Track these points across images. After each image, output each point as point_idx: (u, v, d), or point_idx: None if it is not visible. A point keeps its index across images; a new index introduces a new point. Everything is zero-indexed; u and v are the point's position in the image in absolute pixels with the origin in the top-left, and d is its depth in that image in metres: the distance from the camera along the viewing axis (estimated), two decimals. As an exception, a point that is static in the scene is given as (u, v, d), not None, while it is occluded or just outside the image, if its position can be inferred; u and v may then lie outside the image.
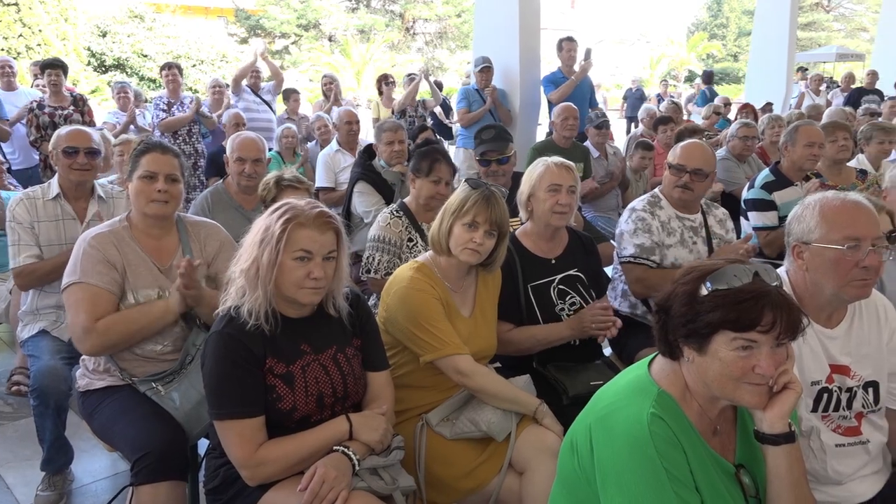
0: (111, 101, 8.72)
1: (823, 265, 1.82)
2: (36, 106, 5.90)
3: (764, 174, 4.07)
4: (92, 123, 6.15)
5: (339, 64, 27.27)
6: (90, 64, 22.81)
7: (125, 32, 23.40)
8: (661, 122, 6.79)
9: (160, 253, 2.43)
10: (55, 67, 6.01)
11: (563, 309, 2.66)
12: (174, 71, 6.69)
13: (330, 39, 31.40)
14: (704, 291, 1.41)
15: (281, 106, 8.09)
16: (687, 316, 1.42)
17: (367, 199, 4.02)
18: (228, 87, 7.33)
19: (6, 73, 6.47)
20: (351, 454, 1.85)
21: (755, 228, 3.90)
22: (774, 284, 1.41)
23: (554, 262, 2.71)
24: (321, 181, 5.21)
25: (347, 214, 4.12)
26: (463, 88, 7.28)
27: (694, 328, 1.41)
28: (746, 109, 7.48)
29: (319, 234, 1.85)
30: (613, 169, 5.45)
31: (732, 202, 4.65)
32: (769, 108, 9.05)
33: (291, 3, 30.03)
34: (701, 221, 3.09)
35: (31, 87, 7.57)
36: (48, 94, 6.04)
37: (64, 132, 3.08)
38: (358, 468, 1.86)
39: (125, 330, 2.25)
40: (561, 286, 2.69)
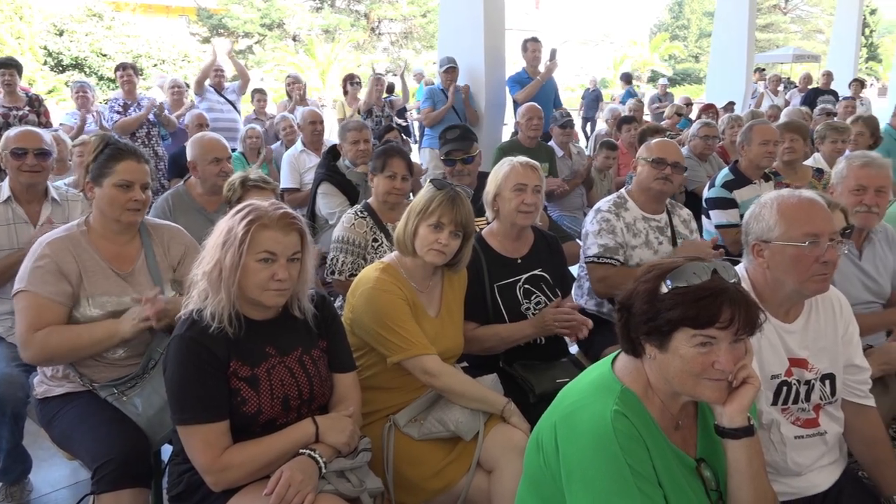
0: (70, 101, 8.51)
1: (784, 262, 1.87)
2: (-12, 106, 5.74)
3: (724, 173, 4.15)
4: (48, 124, 6.00)
5: (303, 64, 27.08)
6: (46, 63, 22.28)
7: (83, 31, 22.90)
8: (624, 121, 6.88)
9: (120, 258, 2.38)
10: (9, 67, 5.84)
11: (528, 308, 2.68)
12: (129, 72, 6.55)
13: (294, 39, 31.16)
14: (665, 289, 1.44)
15: (246, 106, 8.00)
16: (648, 314, 1.44)
17: (331, 200, 4.00)
18: (189, 87, 7.22)
19: (-43, 73, 6.26)
20: (317, 457, 1.84)
21: (718, 226, 3.98)
22: (732, 281, 1.44)
23: (520, 261, 2.73)
24: (286, 182, 5.17)
25: (312, 215, 4.09)
26: (428, 88, 7.29)
27: (655, 326, 1.43)
28: (710, 110, 7.61)
29: (283, 235, 1.83)
30: (578, 168, 5.51)
31: (695, 201, 4.73)
32: (731, 107, 9.24)
33: (255, 2, 29.72)
34: (666, 221, 3.14)
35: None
36: (2, 94, 5.87)
37: (13, 133, 3.00)
38: (324, 471, 1.85)
39: (64, 345, 2.19)
40: (526, 285, 2.70)
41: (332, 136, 5.92)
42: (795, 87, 12.65)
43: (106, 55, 22.56)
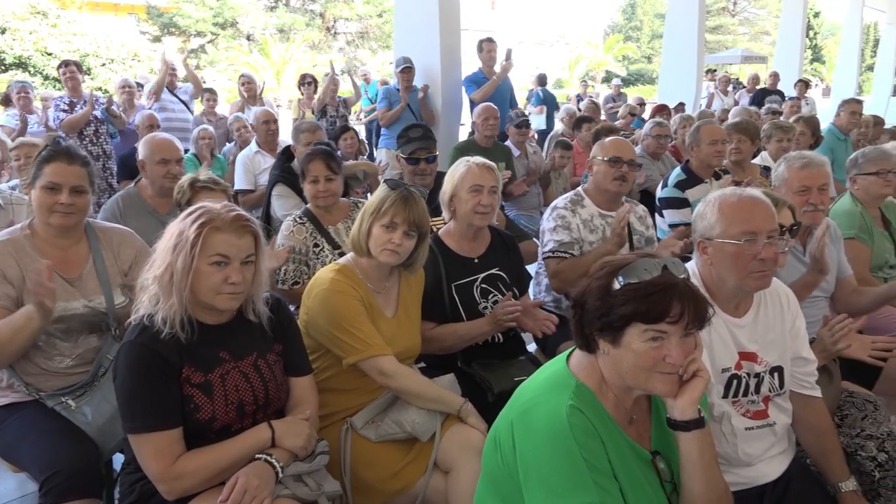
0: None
1: (724, 259, 1.92)
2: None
3: (676, 173, 4.24)
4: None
5: (258, 63, 26.73)
6: (-12, 63, 21.54)
7: (27, 29, 22.16)
8: (581, 121, 6.96)
9: (66, 263, 2.32)
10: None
11: (486, 307, 2.69)
12: (72, 68, 6.37)
13: (248, 38, 30.72)
14: (617, 286, 1.46)
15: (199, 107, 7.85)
16: (601, 310, 1.47)
17: (286, 201, 3.95)
18: (141, 87, 7.05)
19: None
20: (274, 461, 1.82)
21: (671, 225, 4.06)
22: (682, 277, 1.47)
23: (477, 261, 2.74)
24: (240, 183, 5.09)
25: (267, 217, 4.04)
26: (384, 88, 7.27)
27: (608, 321, 1.46)
28: (663, 111, 7.76)
29: (236, 237, 1.80)
30: (534, 167, 5.55)
31: (649, 199, 4.82)
32: (681, 108, 9.43)
33: (207, 0, 29.17)
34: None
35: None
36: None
37: None
38: (281, 475, 1.82)
39: None
40: (484, 285, 2.72)
41: (287, 136, 5.85)
42: (744, 87, 12.99)
43: (51, 54, 21.87)
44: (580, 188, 3.22)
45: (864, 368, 2.42)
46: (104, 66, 22.33)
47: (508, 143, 5.72)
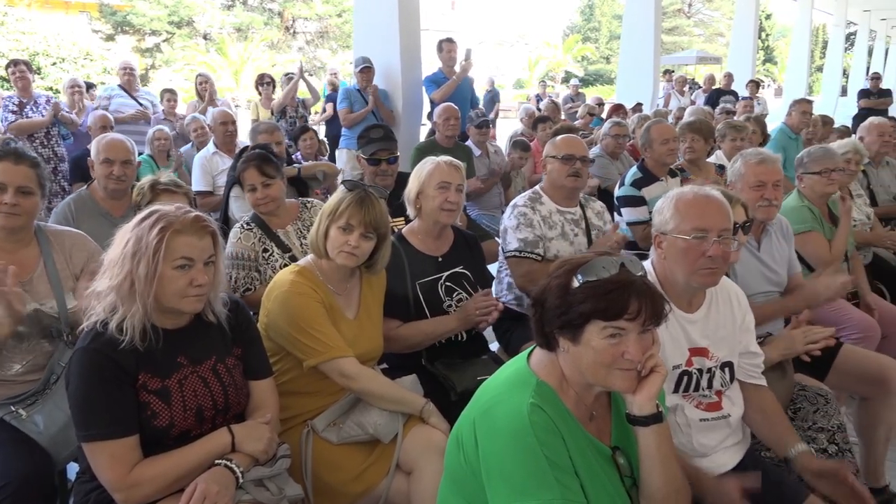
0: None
1: (676, 254, 1.97)
2: None
3: (632, 172, 4.31)
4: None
5: (215, 63, 26.35)
6: (-69, 61, 20.77)
7: (-28, 27, 21.49)
8: (540, 120, 7.02)
9: (16, 266, 2.24)
10: None
11: (450, 305, 2.70)
12: (21, 67, 6.18)
13: (205, 37, 30.22)
14: (576, 284, 1.47)
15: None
16: (561, 308, 1.48)
17: (244, 203, 3.87)
18: (93, 87, 6.88)
19: None
20: (234, 467, 1.79)
21: (629, 223, 4.12)
22: (639, 274, 1.49)
23: (441, 259, 2.75)
24: (198, 185, 4.99)
25: (225, 219, 3.97)
26: (344, 89, 7.21)
27: (567, 319, 1.47)
28: (620, 111, 7.88)
29: (198, 239, 1.78)
30: (495, 167, 5.58)
31: (608, 198, 4.88)
32: (639, 108, 9.58)
33: (162, -2, 28.66)
34: (581, 214, 3.23)
35: None
36: None
37: None
38: (242, 480, 1.80)
39: None
40: (448, 283, 2.72)
41: (246, 137, 5.77)
42: (700, 87, 13.27)
43: (-1, 53, 21.26)
44: (537, 187, 3.26)
45: (815, 361, 2.49)
46: (55, 65, 21.75)
47: (469, 142, 5.74)
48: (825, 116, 7.15)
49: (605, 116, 8.70)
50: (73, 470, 2.06)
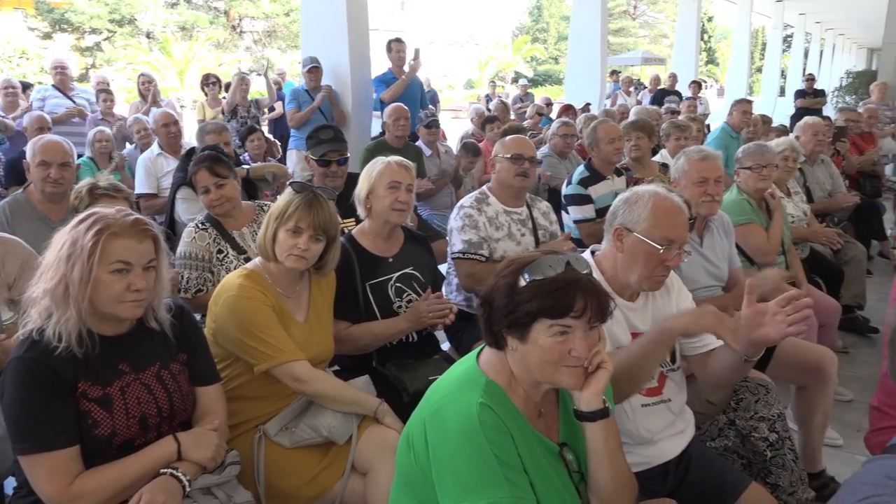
0: None
1: (637, 254, 2.01)
2: None
3: (579, 171, 4.38)
4: None
5: (159, 63, 25.71)
6: None
7: None
8: (488, 121, 7.07)
9: None
10: None
11: (400, 306, 2.70)
12: None
13: (148, 36, 29.46)
14: (523, 282, 1.49)
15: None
16: (508, 307, 1.49)
17: (191, 205, 3.81)
18: (30, 87, 6.63)
19: None
20: (180, 475, 1.75)
21: (575, 221, 4.18)
22: (584, 272, 1.51)
23: (391, 260, 2.74)
24: (141, 187, 4.86)
25: (171, 223, 3.89)
26: (292, 89, 7.14)
27: (515, 318, 1.48)
28: (570, 111, 7.98)
29: (137, 242, 1.73)
30: (446, 167, 5.60)
31: (555, 196, 4.95)
32: (587, 108, 9.73)
33: (102, -4, 27.82)
34: (527, 214, 3.27)
35: None
36: None
37: None
38: (189, 489, 1.76)
39: None
40: (398, 284, 2.72)
41: (193, 137, 5.65)
42: (646, 87, 13.55)
43: (-73, 51, 20.34)
44: (485, 187, 3.29)
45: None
46: (-12, 64, 20.91)
47: (420, 143, 5.74)
48: (764, 116, 7.38)
49: (554, 116, 8.80)
50: (10, 485, 1.99)
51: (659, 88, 12.36)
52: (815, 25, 27.69)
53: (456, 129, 10.94)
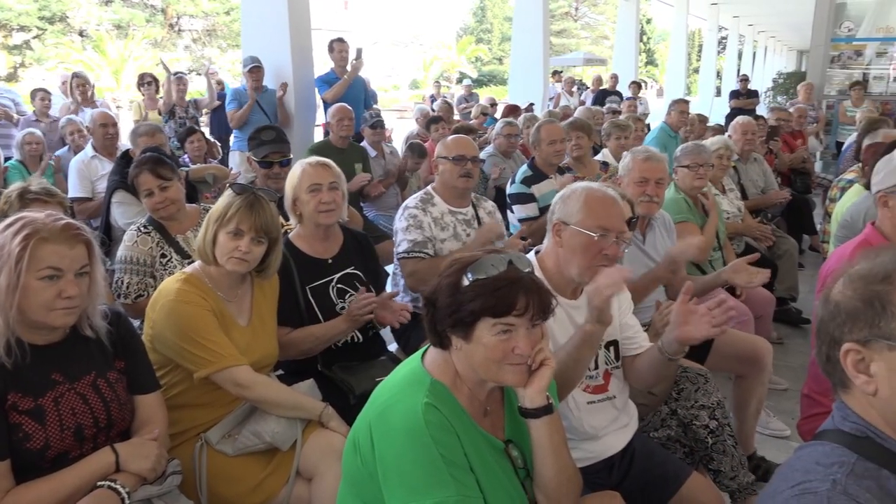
0: None
1: (575, 246, 2.03)
2: None
3: (522, 170, 4.44)
4: None
5: (93, 62, 24.89)
6: None
7: None
8: (433, 121, 7.07)
9: None
10: None
11: (343, 308, 2.66)
12: None
13: (81, 34, 28.46)
14: (466, 282, 1.50)
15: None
16: (452, 306, 1.50)
17: (128, 209, 3.70)
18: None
19: None
20: (118, 487, 1.70)
21: (520, 220, 4.23)
22: (526, 271, 1.53)
23: (330, 261, 2.71)
24: (75, 191, 4.70)
25: (107, 227, 3.77)
26: (233, 89, 7.01)
27: (459, 317, 1.49)
28: (516, 112, 8.06)
29: (68, 248, 1.67)
30: (391, 167, 5.58)
31: (500, 195, 5.00)
32: (531, 108, 9.84)
33: (31, -9, 26.75)
34: (473, 214, 3.29)
35: None
36: None
37: None
38: (128, 501, 1.71)
39: None
40: (340, 285, 2.69)
41: (127, 139, 5.48)
42: (588, 88, 13.78)
43: None
44: (429, 187, 3.29)
45: (695, 346, 2.64)
46: None
47: (364, 143, 5.71)
48: (701, 115, 7.62)
49: (499, 116, 8.87)
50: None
51: (600, 89, 12.60)
52: (747, 28, 28.69)
53: (401, 129, 10.90)
